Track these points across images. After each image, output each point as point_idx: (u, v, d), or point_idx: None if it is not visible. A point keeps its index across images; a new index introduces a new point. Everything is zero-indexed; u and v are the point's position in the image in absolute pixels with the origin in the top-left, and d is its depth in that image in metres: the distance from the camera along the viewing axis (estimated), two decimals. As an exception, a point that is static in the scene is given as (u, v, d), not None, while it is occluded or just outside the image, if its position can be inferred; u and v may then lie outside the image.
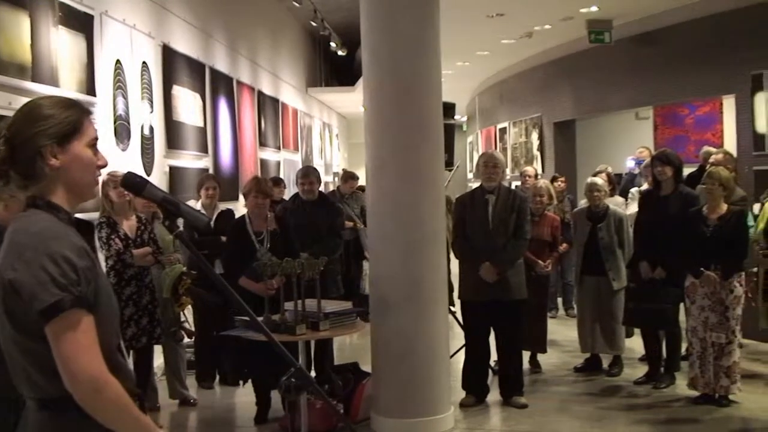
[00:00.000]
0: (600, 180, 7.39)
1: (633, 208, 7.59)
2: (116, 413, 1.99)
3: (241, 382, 6.33)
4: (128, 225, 5.79)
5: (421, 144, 5.60)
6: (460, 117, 20.43)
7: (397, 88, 5.59)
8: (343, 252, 7.13)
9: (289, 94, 14.20)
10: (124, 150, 6.68)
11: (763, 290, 5.78)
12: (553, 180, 9.92)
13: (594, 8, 9.65)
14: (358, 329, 5.53)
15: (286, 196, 9.04)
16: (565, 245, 8.00)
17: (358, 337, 7.70)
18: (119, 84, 6.66)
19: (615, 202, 7.81)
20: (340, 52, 15.08)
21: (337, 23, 14.24)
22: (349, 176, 10.32)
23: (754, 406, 6.11)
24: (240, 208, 7.41)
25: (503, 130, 15.10)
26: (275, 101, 12.71)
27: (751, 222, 6.71)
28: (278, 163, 12.60)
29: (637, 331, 7.34)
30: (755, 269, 6.53)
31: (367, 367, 5.99)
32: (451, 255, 6.79)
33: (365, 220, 7.69)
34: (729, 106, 9.54)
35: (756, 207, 7.10)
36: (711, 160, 7.57)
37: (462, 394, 6.38)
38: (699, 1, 9.05)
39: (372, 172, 5.74)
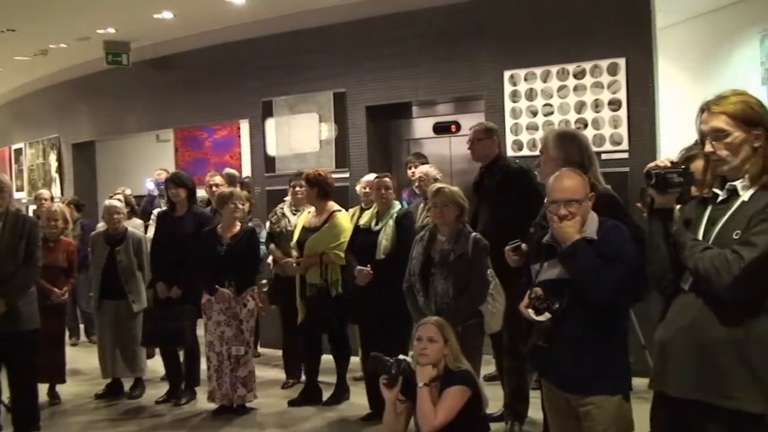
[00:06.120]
0: (118, 202, 7.32)
1: (153, 230, 7.66)
2: None
3: None
4: None
5: None
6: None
7: None
8: None
9: None
10: None
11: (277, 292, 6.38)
12: (75, 205, 9.58)
13: (111, 30, 9.56)
14: None
15: None
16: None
17: None
18: None
19: (134, 225, 7.83)
20: None
21: None
22: None
23: (269, 411, 6.54)
24: None
25: (19, 151, 14.20)
26: None
27: (262, 239, 7.18)
28: None
29: (158, 350, 7.41)
30: (264, 281, 7.02)
31: None
32: None
33: None
34: (245, 130, 10.09)
35: (268, 224, 7.56)
36: (209, 180, 7.95)
37: (-32, 438, 5.85)
38: (210, 30, 9.47)
39: None
